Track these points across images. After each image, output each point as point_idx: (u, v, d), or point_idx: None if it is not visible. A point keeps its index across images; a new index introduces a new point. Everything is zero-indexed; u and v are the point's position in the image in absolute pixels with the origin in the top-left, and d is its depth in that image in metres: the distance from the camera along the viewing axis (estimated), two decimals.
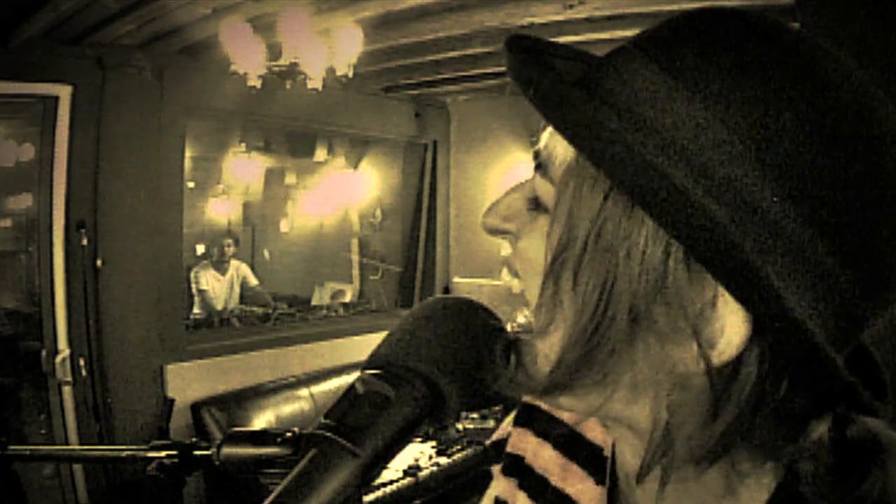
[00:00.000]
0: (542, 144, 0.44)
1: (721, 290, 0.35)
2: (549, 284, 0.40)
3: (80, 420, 3.01)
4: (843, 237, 0.36)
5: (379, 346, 0.43)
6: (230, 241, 5.16)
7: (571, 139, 0.38)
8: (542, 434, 0.62)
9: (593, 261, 0.38)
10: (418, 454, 2.97)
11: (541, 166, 0.43)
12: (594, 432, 0.58)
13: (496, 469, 0.66)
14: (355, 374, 0.43)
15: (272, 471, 0.51)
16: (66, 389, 2.98)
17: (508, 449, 0.64)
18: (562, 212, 0.40)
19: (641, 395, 0.41)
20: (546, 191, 0.42)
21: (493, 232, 0.46)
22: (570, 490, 0.57)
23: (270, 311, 4.40)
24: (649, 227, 0.36)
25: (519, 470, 0.62)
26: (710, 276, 0.35)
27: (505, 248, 0.47)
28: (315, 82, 2.84)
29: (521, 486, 0.61)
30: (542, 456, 0.61)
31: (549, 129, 0.43)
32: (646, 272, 0.36)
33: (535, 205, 0.43)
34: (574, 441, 0.59)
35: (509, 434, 0.66)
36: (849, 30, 1.62)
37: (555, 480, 0.59)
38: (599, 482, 0.55)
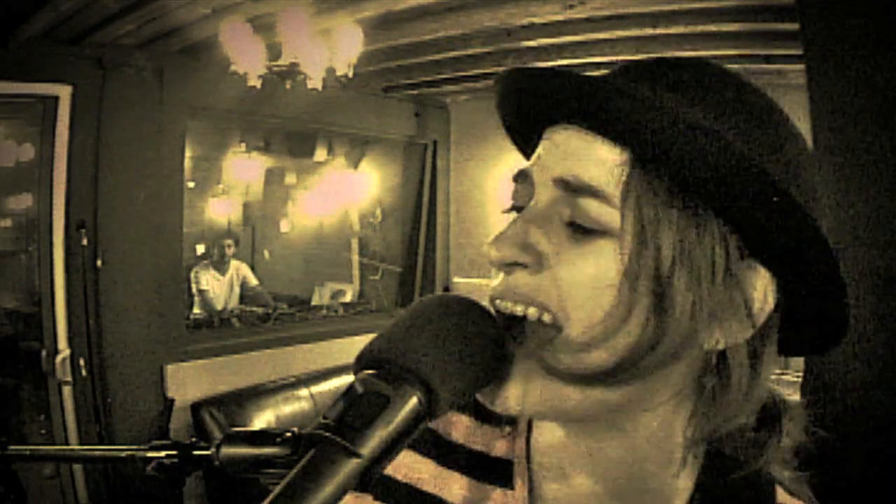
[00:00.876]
0: (567, 172, 0.45)
1: (753, 262, 0.44)
2: (623, 298, 0.43)
3: (80, 420, 3.00)
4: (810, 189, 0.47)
5: (375, 341, 0.43)
6: (230, 241, 5.15)
7: (649, 142, 0.42)
8: (411, 444, 0.61)
9: (681, 269, 0.42)
10: None
11: (592, 192, 0.44)
12: (458, 434, 0.59)
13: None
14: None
15: (272, 471, 0.51)
16: (66, 389, 2.98)
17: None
18: (634, 228, 0.43)
19: (669, 381, 0.46)
20: (602, 212, 0.44)
21: (506, 265, 0.46)
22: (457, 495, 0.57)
23: (270, 311, 4.40)
24: (718, 225, 0.43)
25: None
26: (747, 256, 0.44)
27: (506, 279, 0.47)
28: (315, 82, 2.83)
29: (383, 498, 0.59)
30: (406, 465, 0.59)
31: (573, 155, 0.45)
32: (721, 268, 0.43)
33: (584, 230, 0.44)
34: (447, 448, 0.59)
35: None
36: (849, 29, 1.62)
37: (430, 489, 0.58)
38: (502, 487, 0.56)
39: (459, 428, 0.60)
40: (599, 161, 0.44)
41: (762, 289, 0.45)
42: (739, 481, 0.49)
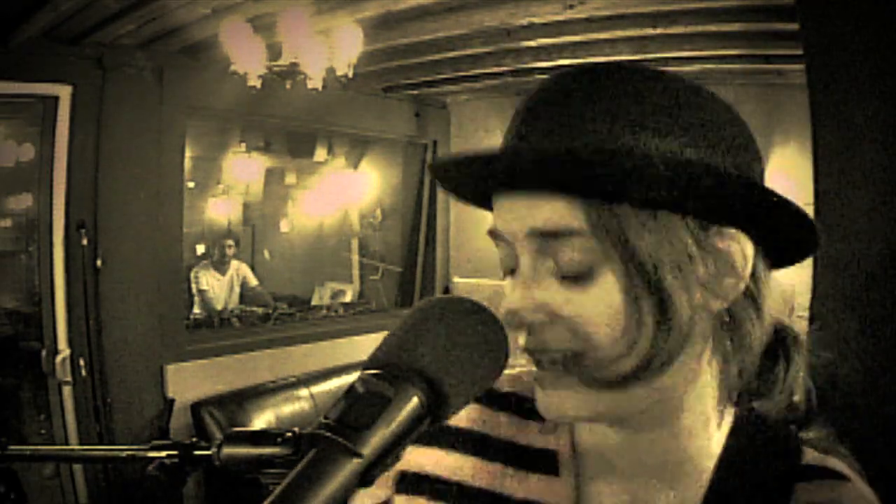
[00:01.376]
0: (536, 223, 0.49)
1: (727, 229, 0.49)
2: (632, 313, 0.48)
3: (80, 420, 3.01)
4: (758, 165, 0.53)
5: (379, 347, 0.44)
6: (230, 241, 5.15)
7: (616, 171, 0.46)
8: (450, 445, 0.64)
9: (665, 268, 0.47)
10: None
11: (568, 231, 0.48)
12: (501, 430, 0.63)
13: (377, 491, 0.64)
14: (355, 374, 0.42)
15: (272, 471, 0.51)
16: (66, 389, 2.98)
17: (400, 467, 0.64)
18: (617, 252, 0.47)
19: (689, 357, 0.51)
20: (583, 248, 0.48)
21: (528, 325, 0.50)
22: (515, 489, 0.60)
23: (270, 311, 4.40)
24: (691, 225, 0.48)
25: (419, 484, 0.63)
26: (723, 228, 0.49)
27: (532, 338, 0.51)
28: (315, 82, 2.83)
29: (434, 498, 0.62)
30: (449, 465, 0.62)
31: (535, 206, 0.49)
32: (694, 248, 0.48)
33: (578, 275, 0.48)
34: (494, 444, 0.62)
35: None
36: (848, 29, 1.62)
37: (479, 483, 0.61)
38: (547, 474, 0.59)
39: (503, 425, 0.64)
40: (559, 207, 0.48)
41: (736, 244, 0.50)
42: (767, 443, 0.55)
